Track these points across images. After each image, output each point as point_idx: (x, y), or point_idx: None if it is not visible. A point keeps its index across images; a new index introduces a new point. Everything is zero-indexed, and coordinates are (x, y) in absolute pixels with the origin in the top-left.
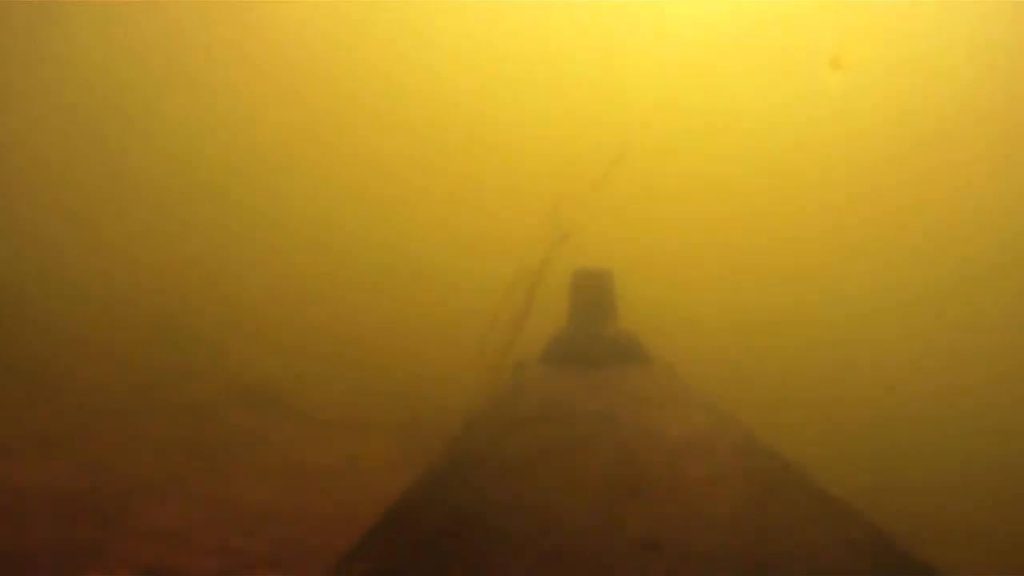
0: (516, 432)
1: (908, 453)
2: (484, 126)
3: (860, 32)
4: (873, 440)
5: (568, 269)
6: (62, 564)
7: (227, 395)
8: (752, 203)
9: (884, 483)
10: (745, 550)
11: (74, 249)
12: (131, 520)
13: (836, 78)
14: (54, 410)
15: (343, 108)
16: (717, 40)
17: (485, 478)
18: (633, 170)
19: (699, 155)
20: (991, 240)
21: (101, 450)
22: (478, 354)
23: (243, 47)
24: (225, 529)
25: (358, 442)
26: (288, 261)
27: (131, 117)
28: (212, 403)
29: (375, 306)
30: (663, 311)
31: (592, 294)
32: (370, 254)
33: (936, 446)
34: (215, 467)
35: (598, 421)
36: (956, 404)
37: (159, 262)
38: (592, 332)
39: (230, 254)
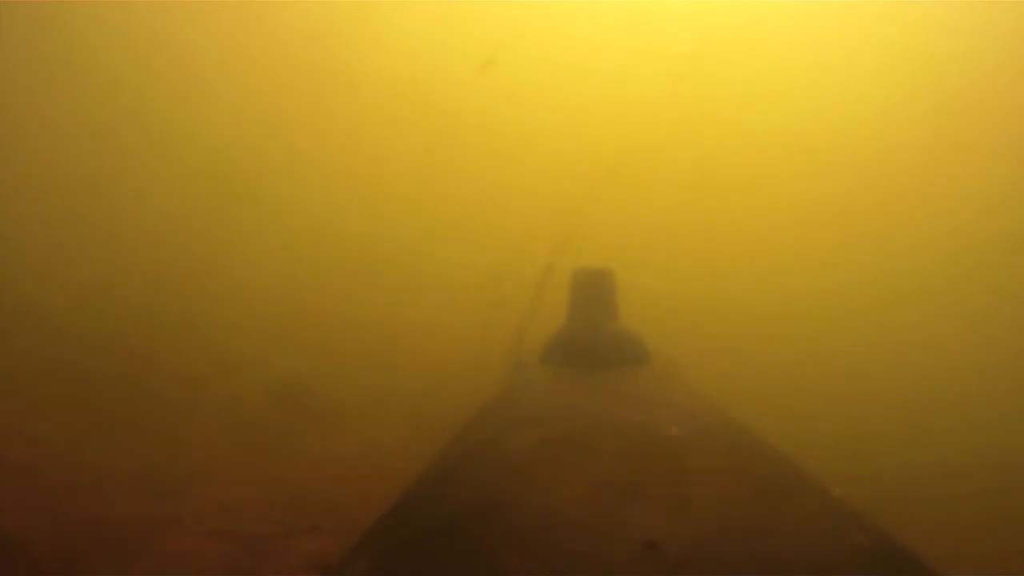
0: (517, 432)
1: (912, 452)
2: (487, 129)
3: (856, 31)
4: (876, 439)
5: (570, 269)
6: (145, 532)
7: (261, 393)
8: (754, 201)
9: (885, 482)
10: (745, 550)
11: (107, 257)
12: (194, 497)
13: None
14: (111, 408)
15: (354, 112)
16: (716, 41)
17: (485, 477)
18: (634, 170)
19: (699, 153)
20: (994, 236)
21: (155, 442)
22: (483, 354)
23: (249, 47)
24: (270, 504)
25: (376, 431)
26: (307, 269)
27: (142, 120)
28: (249, 400)
29: (384, 308)
30: (664, 309)
31: (593, 293)
32: (380, 259)
33: (939, 445)
34: (256, 454)
35: (598, 421)
36: (960, 401)
37: (185, 274)
38: (593, 331)
39: (250, 264)
